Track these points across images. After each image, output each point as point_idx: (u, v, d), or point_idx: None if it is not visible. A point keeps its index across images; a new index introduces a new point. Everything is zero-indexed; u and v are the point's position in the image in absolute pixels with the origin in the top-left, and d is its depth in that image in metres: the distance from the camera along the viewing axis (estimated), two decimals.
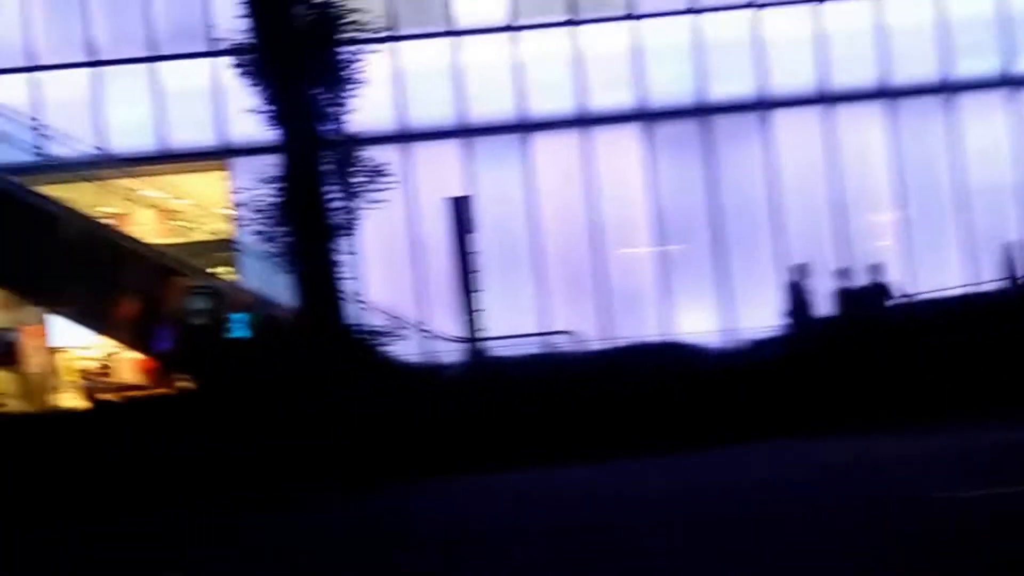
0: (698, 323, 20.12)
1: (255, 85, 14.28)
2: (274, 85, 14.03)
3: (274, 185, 14.53)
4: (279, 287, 19.08)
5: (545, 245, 21.07)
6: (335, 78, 14.24)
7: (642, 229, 21.20)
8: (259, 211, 15.00)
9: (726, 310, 20.76)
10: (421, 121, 20.81)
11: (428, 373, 15.04)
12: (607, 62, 21.01)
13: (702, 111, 21.08)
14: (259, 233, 15.71)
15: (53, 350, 21.39)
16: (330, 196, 14.42)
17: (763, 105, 21.20)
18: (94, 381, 21.22)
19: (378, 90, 15.89)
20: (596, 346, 18.15)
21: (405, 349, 16.73)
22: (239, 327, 18.61)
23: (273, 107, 14.15)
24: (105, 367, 21.41)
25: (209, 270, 19.69)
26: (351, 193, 14.54)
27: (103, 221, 20.09)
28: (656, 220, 21.17)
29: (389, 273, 19.93)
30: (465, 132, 20.96)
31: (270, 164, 15.20)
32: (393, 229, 19.46)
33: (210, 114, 20.67)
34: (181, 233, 21.76)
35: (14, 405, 18.85)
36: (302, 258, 14.54)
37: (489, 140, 20.96)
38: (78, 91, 20.72)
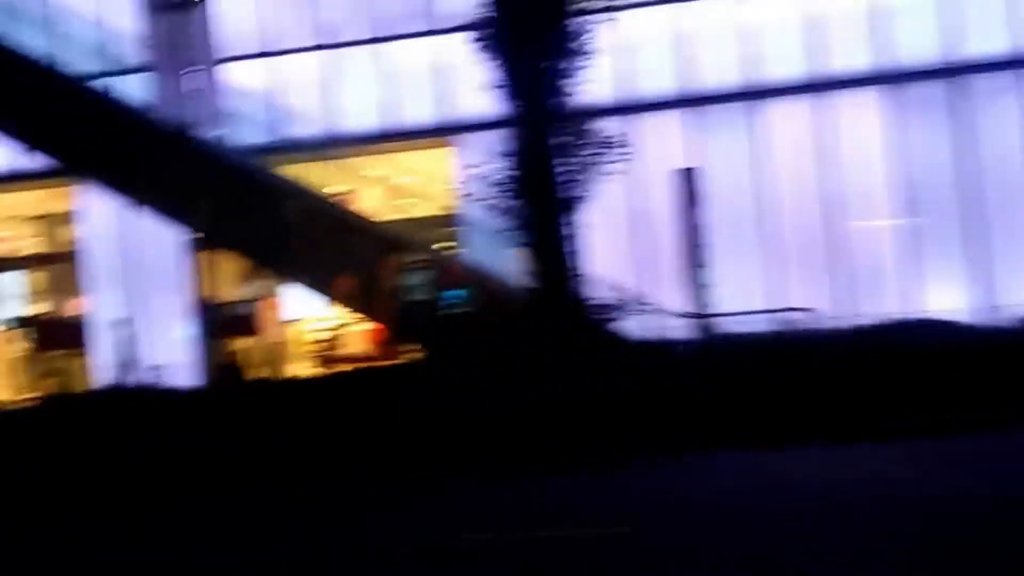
0: (947, 300, 19.23)
1: (492, 60, 14.52)
2: (511, 59, 14.21)
3: (507, 159, 14.78)
4: (504, 262, 19.41)
5: (777, 217, 20.58)
6: (568, 50, 14.34)
7: (884, 199, 20.39)
8: (490, 186, 15.29)
9: (980, 286, 19.74)
10: (647, 91, 20.65)
11: (657, 349, 14.97)
12: (844, 22, 20.24)
13: (953, 71, 19.98)
14: (490, 208, 16.00)
15: (287, 321, 22.45)
16: (563, 169, 14.53)
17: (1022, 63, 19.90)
18: (324, 351, 22.17)
19: (604, 61, 15.83)
20: (837, 323, 17.65)
21: (632, 324, 16.74)
22: (462, 301, 19.03)
23: (508, 81, 14.36)
24: (335, 337, 22.31)
25: (433, 245, 20.20)
26: (584, 166, 14.65)
27: (334, 198, 20.89)
28: (900, 190, 20.31)
29: (615, 247, 19.94)
30: (692, 101, 20.67)
31: (497, 139, 15.45)
32: (618, 202, 19.40)
33: (436, 92, 21.19)
34: (406, 209, 22.41)
35: (252, 373, 19.88)
36: (534, 232, 14.72)
37: (717, 109, 20.59)
38: (312, 73, 21.62)
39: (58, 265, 25.23)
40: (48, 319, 24.60)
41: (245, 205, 19.27)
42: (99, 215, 22.86)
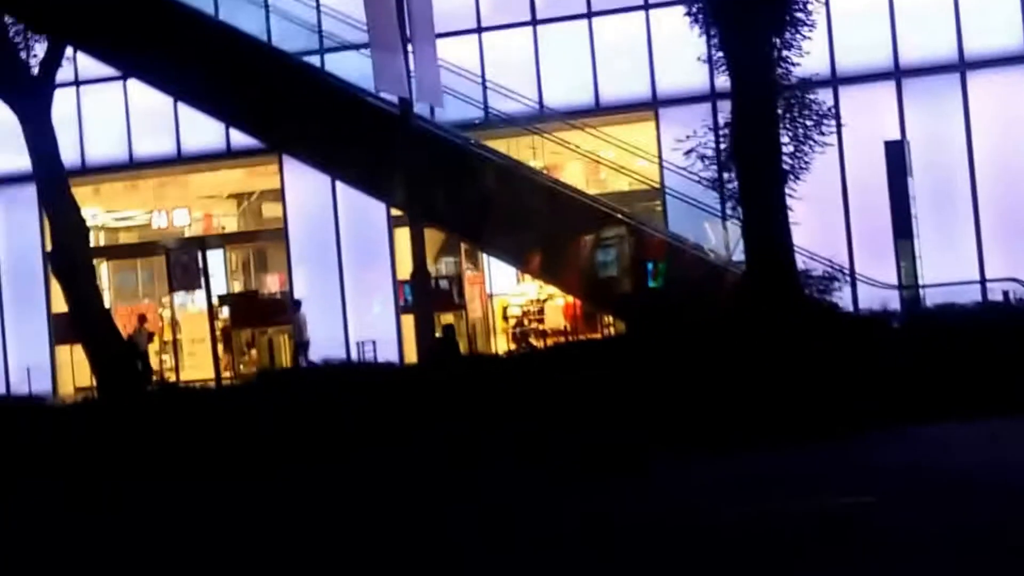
0: None
1: (706, 32, 15.20)
2: (729, 30, 14.76)
3: (722, 132, 15.45)
4: (708, 235, 20.24)
5: (984, 189, 20.87)
6: (786, 21, 14.91)
7: None
8: (700, 158, 16.01)
9: None
10: (859, 63, 21.13)
11: (870, 321, 15.35)
12: None
13: None
14: (699, 181, 16.79)
15: (491, 295, 23.61)
16: (781, 141, 15.09)
17: None
18: (525, 326, 23.29)
19: (817, 31, 16.39)
20: None
21: (844, 296, 17.33)
22: (664, 274, 19.78)
23: (725, 53, 14.97)
24: (536, 312, 23.40)
25: (636, 219, 20.96)
26: (801, 138, 15.26)
27: (539, 172, 21.92)
28: None
29: (826, 219, 20.43)
30: (903, 72, 21.09)
31: (705, 112, 16.14)
32: (830, 173, 19.92)
33: (642, 65, 22.03)
34: (611, 182, 23.23)
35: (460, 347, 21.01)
36: (748, 204, 15.22)
37: (922, 81, 20.98)
38: (521, 48, 22.68)
39: (260, 242, 26.79)
40: (249, 296, 26.03)
41: (452, 179, 20.33)
42: (303, 191, 23.82)
